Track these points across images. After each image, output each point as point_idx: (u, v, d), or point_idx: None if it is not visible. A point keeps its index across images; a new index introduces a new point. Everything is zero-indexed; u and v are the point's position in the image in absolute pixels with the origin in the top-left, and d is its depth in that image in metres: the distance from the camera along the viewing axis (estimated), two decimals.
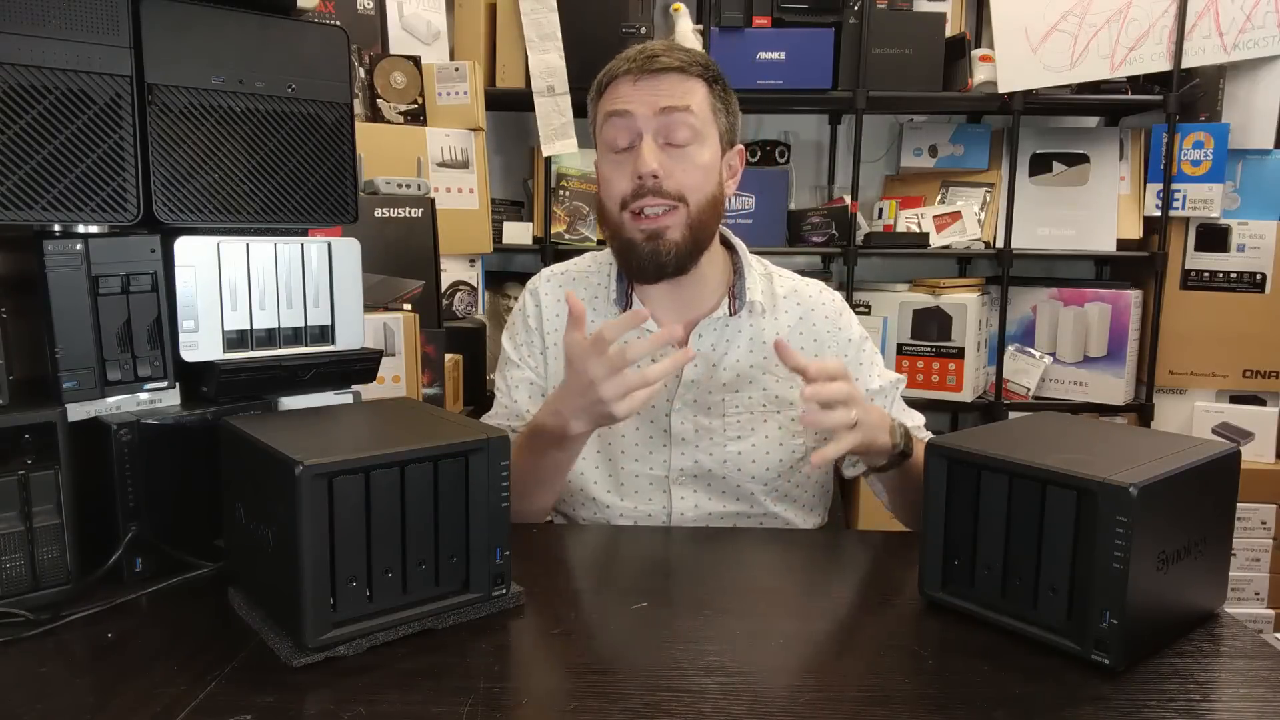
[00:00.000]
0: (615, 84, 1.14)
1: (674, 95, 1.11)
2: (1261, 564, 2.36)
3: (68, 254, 0.83)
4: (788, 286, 1.26)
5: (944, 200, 2.59)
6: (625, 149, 1.13)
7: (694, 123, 1.11)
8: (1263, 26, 2.26)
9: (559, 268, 1.29)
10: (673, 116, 1.10)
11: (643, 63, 1.11)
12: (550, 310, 1.24)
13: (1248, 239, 2.38)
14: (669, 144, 1.11)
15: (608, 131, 1.14)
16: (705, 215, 1.13)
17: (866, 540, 1.10)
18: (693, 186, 1.12)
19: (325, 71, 0.96)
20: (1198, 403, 2.45)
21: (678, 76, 1.11)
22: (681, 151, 1.11)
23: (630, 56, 1.13)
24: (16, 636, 0.75)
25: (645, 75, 1.11)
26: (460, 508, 0.78)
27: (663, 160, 1.10)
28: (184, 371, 0.90)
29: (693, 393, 1.17)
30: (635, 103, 1.11)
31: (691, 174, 1.11)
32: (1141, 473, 0.70)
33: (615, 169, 1.13)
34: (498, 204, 2.46)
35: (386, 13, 2.28)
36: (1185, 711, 0.66)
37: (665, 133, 1.11)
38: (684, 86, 1.11)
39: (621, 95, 1.12)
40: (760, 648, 0.76)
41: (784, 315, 1.22)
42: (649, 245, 1.12)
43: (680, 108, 1.10)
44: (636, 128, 1.11)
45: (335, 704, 0.65)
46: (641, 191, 1.10)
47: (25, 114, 0.79)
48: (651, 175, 1.09)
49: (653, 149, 1.10)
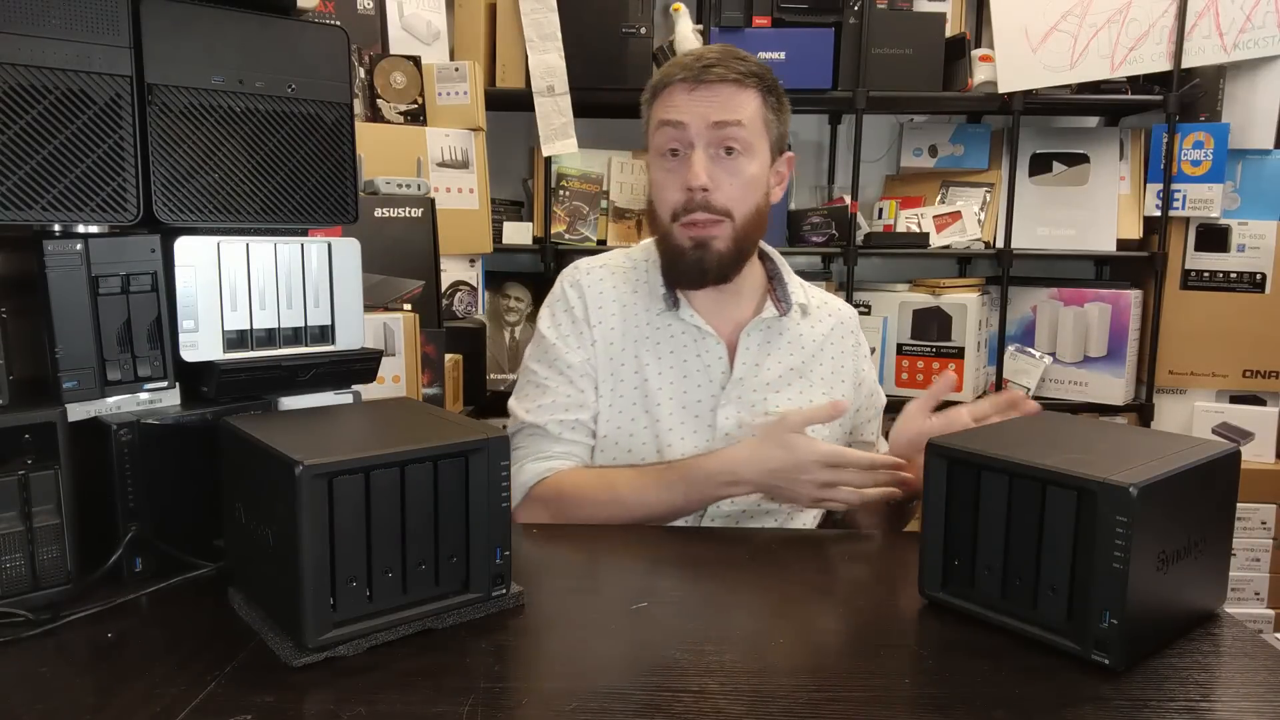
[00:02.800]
0: (670, 91, 1.15)
1: (727, 109, 1.12)
2: (1261, 564, 2.36)
3: (68, 254, 0.83)
4: (819, 298, 1.32)
5: (944, 200, 2.59)
6: (676, 157, 1.15)
7: (745, 136, 1.13)
8: (1263, 26, 2.26)
9: (595, 261, 1.28)
10: (725, 130, 1.13)
11: (698, 72, 1.13)
12: (594, 302, 1.23)
13: (1248, 239, 2.38)
14: (720, 155, 1.14)
15: (659, 139, 1.16)
16: (750, 226, 1.17)
17: (866, 540, 1.10)
18: (739, 199, 1.15)
19: (325, 71, 0.96)
20: (1198, 403, 2.45)
21: (733, 88, 1.13)
22: (732, 164, 1.14)
23: (686, 64, 1.14)
24: (16, 636, 0.75)
25: (700, 85, 1.13)
26: (460, 508, 0.78)
27: (713, 172, 1.13)
28: (184, 371, 0.90)
29: (738, 390, 1.20)
30: (688, 113, 1.13)
31: (739, 186, 1.14)
32: (1141, 473, 0.70)
33: (667, 176, 1.16)
34: (498, 204, 2.46)
35: (386, 13, 2.28)
36: (1185, 711, 0.66)
37: (717, 144, 1.13)
38: (738, 99, 1.13)
39: (675, 104, 1.14)
40: (760, 648, 0.76)
41: (819, 323, 1.28)
42: (695, 254, 1.15)
43: (733, 121, 1.12)
44: (689, 138, 1.13)
45: (335, 704, 0.65)
46: (691, 205, 1.14)
47: (25, 114, 0.79)
48: (701, 189, 1.12)
49: (703, 162, 1.13)
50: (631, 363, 1.20)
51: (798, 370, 1.23)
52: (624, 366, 1.20)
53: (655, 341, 1.21)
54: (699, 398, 1.19)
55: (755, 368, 1.21)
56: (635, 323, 1.22)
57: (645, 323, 1.22)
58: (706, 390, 1.20)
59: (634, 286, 1.24)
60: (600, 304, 1.23)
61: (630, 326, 1.21)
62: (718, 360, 1.21)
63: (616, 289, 1.24)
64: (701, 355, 1.21)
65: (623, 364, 1.20)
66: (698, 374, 1.20)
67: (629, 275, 1.26)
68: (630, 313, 1.22)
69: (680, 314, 1.21)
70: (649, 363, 1.20)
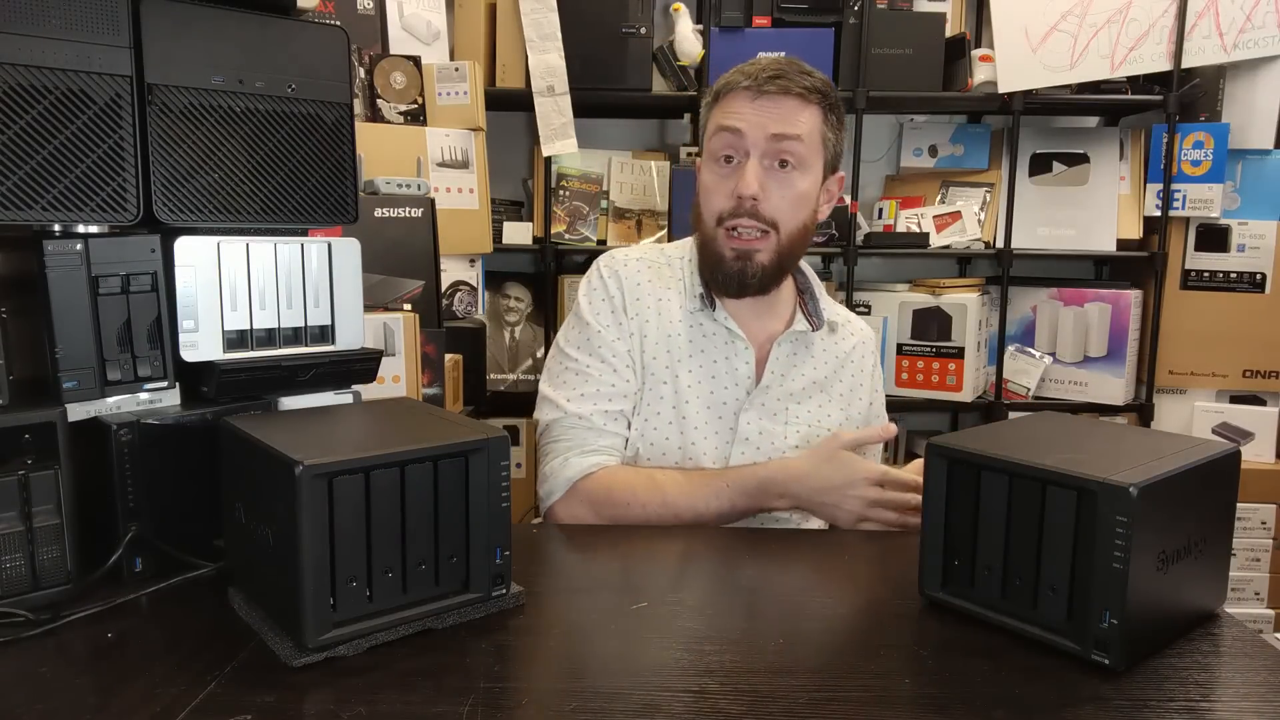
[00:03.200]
0: (731, 97, 1.15)
1: (787, 122, 1.12)
2: (1261, 564, 2.36)
3: (68, 254, 0.83)
4: (844, 315, 1.33)
5: (944, 200, 2.59)
6: (730, 164, 1.15)
7: (801, 151, 1.13)
8: (1263, 26, 2.26)
9: (632, 252, 1.27)
10: (783, 143, 1.12)
11: (763, 82, 1.12)
12: (632, 294, 1.22)
13: (1248, 239, 2.38)
14: (774, 167, 1.14)
15: (716, 143, 1.16)
16: (794, 242, 1.17)
17: (866, 540, 1.10)
18: (787, 214, 1.15)
19: (325, 71, 0.96)
20: (1198, 403, 2.45)
21: (795, 102, 1.13)
22: (784, 176, 1.14)
23: (751, 73, 1.14)
24: (16, 636, 0.75)
25: (763, 96, 1.12)
26: (460, 508, 0.78)
27: (764, 183, 1.13)
28: (184, 371, 0.90)
29: (763, 398, 1.21)
30: (748, 122, 1.12)
31: (789, 200, 1.14)
32: (1141, 473, 0.70)
33: (718, 181, 1.16)
34: (498, 204, 2.46)
35: (386, 13, 2.28)
36: (1185, 711, 0.66)
37: (772, 156, 1.13)
38: (799, 114, 1.13)
39: (736, 110, 1.14)
40: (760, 648, 0.76)
41: (843, 341, 1.29)
42: (737, 264, 1.16)
43: (791, 135, 1.12)
44: (745, 147, 1.13)
45: (335, 704, 0.65)
46: (739, 212, 1.13)
47: (25, 114, 0.79)
48: (751, 199, 1.12)
49: (756, 171, 1.13)
50: (664, 358, 1.20)
51: (820, 385, 1.24)
52: (656, 360, 1.20)
53: (688, 340, 1.21)
54: (724, 400, 1.20)
55: (781, 378, 1.22)
56: (670, 318, 1.22)
57: (679, 320, 1.22)
58: (732, 394, 1.20)
59: (668, 283, 1.24)
60: (638, 296, 1.23)
61: (665, 322, 1.21)
62: (745, 365, 1.21)
63: (653, 283, 1.24)
64: (730, 359, 1.21)
65: (655, 358, 1.20)
66: (725, 376, 1.21)
67: (664, 271, 1.25)
68: (665, 308, 1.22)
69: (715, 315, 1.21)
70: (681, 360, 1.20)
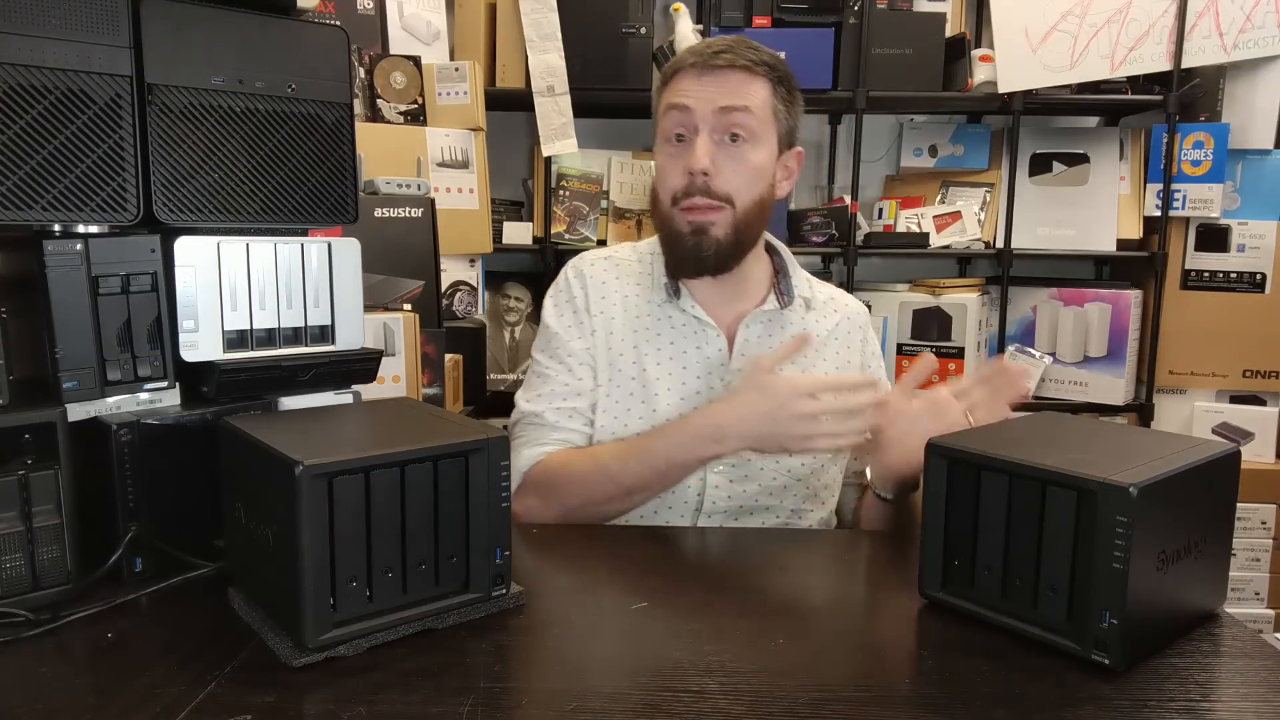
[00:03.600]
0: (679, 76, 1.15)
1: (735, 94, 1.11)
2: (1261, 564, 2.36)
3: (68, 254, 0.83)
4: (826, 293, 1.31)
5: (944, 200, 2.59)
6: (681, 142, 1.14)
7: (751, 123, 1.12)
8: (1263, 26, 2.26)
9: (601, 253, 1.29)
10: (731, 116, 1.11)
11: (708, 58, 1.12)
12: (596, 292, 1.23)
13: (1248, 239, 2.38)
14: (725, 141, 1.12)
15: (666, 122, 1.16)
16: (751, 216, 1.15)
17: (866, 540, 1.10)
18: (741, 187, 1.13)
19: (325, 71, 0.96)
20: (1198, 403, 2.45)
21: (742, 75, 1.12)
22: (736, 150, 1.13)
23: (698, 50, 1.14)
24: (16, 636, 0.75)
25: (709, 71, 1.12)
26: (460, 508, 0.78)
27: (715, 157, 1.12)
28: (184, 371, 0.90)
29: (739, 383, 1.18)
30: (695, 98, 1.12)
31: (742, 174, 1.13)
32: (1141, 473, 0.70)
33: (670, 161, 1.15)
34: (498, 204, 2.46)
35: (386, 13, 2.28)
36: (1185, 711, 0.66)
37: (722, 130, 1.12)
38: (747, 86, 1.12)
39: (683, 89, 1.13)
40: (760, 648, 0.76)
41: (824, 318, 1.27)
42: (693, 239, 1.14)
43: (739, 107, 1.11)
44: (694, 123, 1.12)
45: (335, 704, 0.65)
46: (692, 189, 1.13)
47: (25, 114, 0.79)
48: (702, 173, 1.11)
49: (706, 146, 1.12)
50: (630, 353, 1.20)
51: (800, 364, 1.22)
52: (622, 357, 1.20)
53: (655, 332, 1.21)
54: (697, 389, 1.19)
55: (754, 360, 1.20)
56: (636, 313, 1.22)
57: (646, 314, 1.22)
58: (705, 381, 1.20)
59: (637, 279, 1.25)
60: (602, 294, 1.23)
61: (631, 317, 1.22)
62: (717, 352, 1.20)
63: (619, 280, 1.25)
64: (701, 347, 1.21)
65: (621, 354, 1.20)
66: (697, 365, 1.20)
67: (633, 268, 1.26)
68: (631, 303, 1.23)
69: (680, 304, 1.21)
70: (648, 353, 1.20)
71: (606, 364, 1.20)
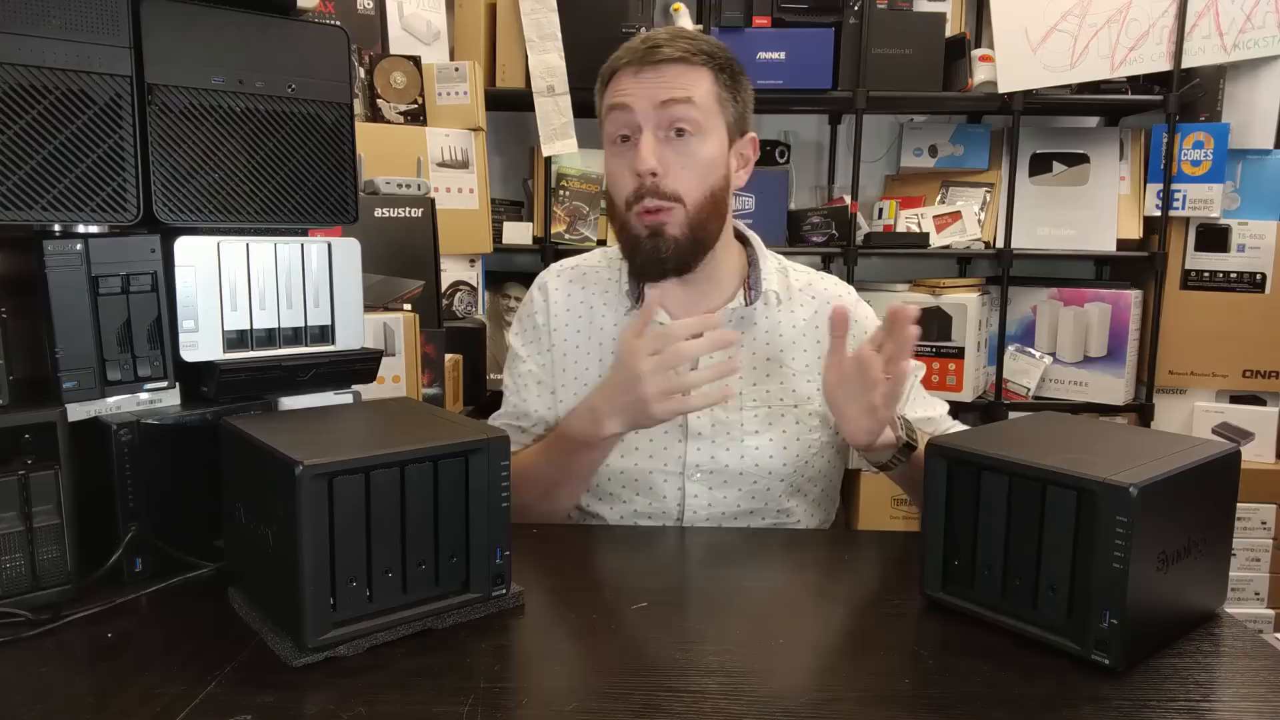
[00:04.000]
0: (617, 76, 1.12)
1: (675, 87, 1.08)
2: (1261, 564, 2.36)
3: (68, 254, 0.83)
4: (802, 280, 1.25)
5: (944, 200, 2.59)
6: (627, 143, 1.11)
7: (696, 115, 1.08)
8: (1263, 26, 2.26)
9: (569, 262, 1.28)
10: (673, 109, 1.08)
11: (644, 54, 1.09)
12: (559, 307, 1.23)
13: (1248, 239, 2.38)
14: (671, 137, 1.09)
15: (610, 125, 1.13)
16: (706, 212, 1.11)
17: (866, 540, 1.10)
18: (693, 183, 1.10)
19: (325, 71, 0.96)
20: (1198, 403, 2.45)
21: (680, 67, 1.09)
22: (683, 145, 1.09)
23: (633, 47, 1.11)
24: (16, 636, 0.75)
25: (646, 67, 1.09)
26: (460, 508, 0.78)
27: (663, 155, 1.08)
28: (184, 371, 0.90)
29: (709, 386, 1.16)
30: (635, 96, 1.09)
31: (692, 169, 1.09)
32: (1141, 473, 0.70)
33: (618, 164, 1.13)
34: (498, 204, 2.46)
35: (386, 13, 2.28)
36: (1185, 711, 0.66)
37: (666, 126, 1.09)
38: (687, 77, 1.09)
39: (623, 88, 1.10)
40: (760, 648, 0.76)
41: (800, 309, 1.21)
42: (650, 242, 1.11)
43: (681, 100, 1.08)
44: (636, 121, 1.09)
45: (335, 704, 0.65)
46: (642, 191, 1.09)
47: (25, 114, 0.79)
48: (650, 173, 1.08)
49: (651, 145, 1.08)
50: (596, 367, 1.19)
51: (775, 360, 1.18)
52: (588, 371, 1.19)
53: None
54: None
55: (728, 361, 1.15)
56: (601, 324, 1.20)
57: (612, 324, 1.20)
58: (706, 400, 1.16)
59: (605, 286, 1.23)
60: (566, 308, 1.22)
61: (595, 329, 1.20)
62: None
63: (585, 290, 1.23)
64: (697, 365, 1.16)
65: (587, 368, 1.19)
66: None
67: (600, 275, 1.24)
68: (596, 314, 1.21)
69: None
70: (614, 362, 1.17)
71: (571, 378, 1.19)
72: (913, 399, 1.21)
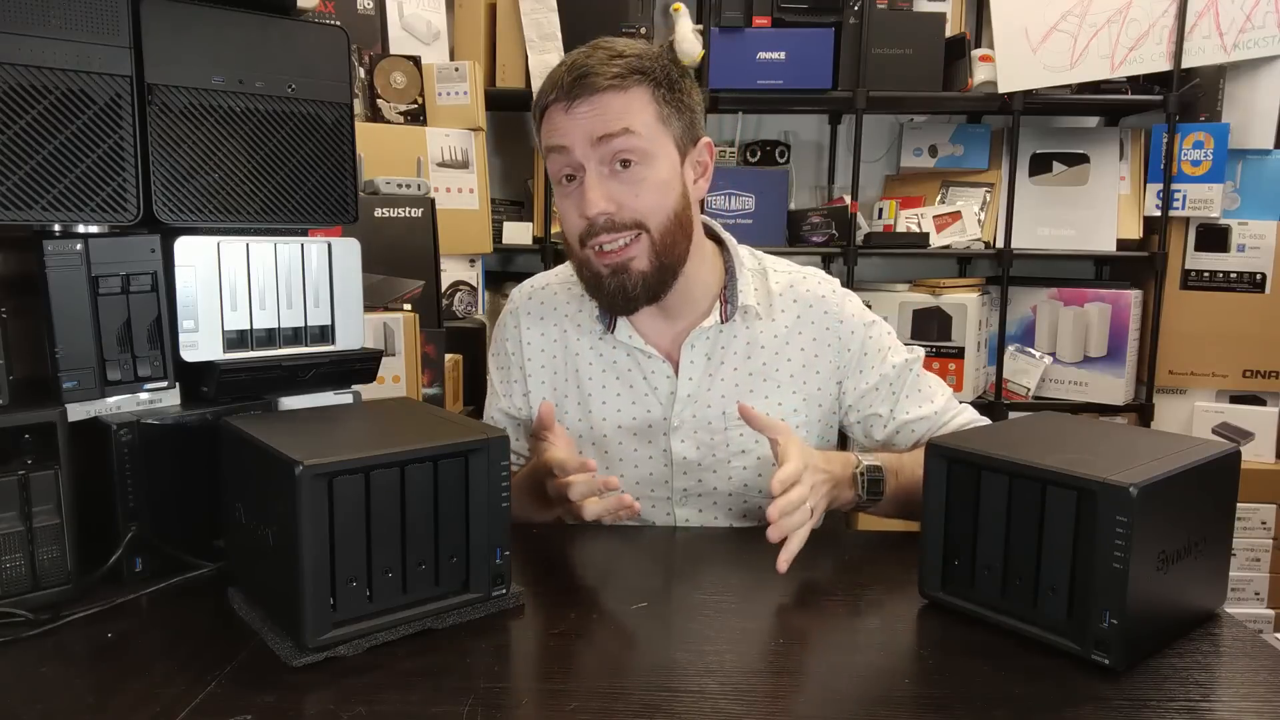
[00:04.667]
0: (548, 114, 1.04)
1: (609, 119, 1.00)
2: (1261, 564, 2.36)
3: (68, 254, 0.83)
4: (783, 282, 1.17)
5: (944, 200, 2.59)
6: (574, 182, 1.04)
7: (638, 144, 1.01)
8: (1263, 26, 2.26)
9: (540, 281, 1.23)
10: (613, 144, 1.00)
11: (570, 86, 1.00)
12: (529, 339, 1.19)
13: (1248, 239, 2.38)
14: (617, 170, 1.02)
15: (552, 166, 1.06)
16: (671, 236, 1.05)
17: (866, 540, 1.10)
18: (651, 209, 1.03)
19: (325, 71, 0.96)
20: (1198, 403, 2.45)
21: (612, 94, 1.00)
22: (630, 175, 1.02)
23: (556, 79, 1.02)
24: (16, 636, 0.75)
25: (577, 101, 1.00)
26: (460, 508, 0.78)
27: (612, 190, 1.02)
28: (184, 371, 0.90)
29: (690, 409, 1.12)
30: (570, 135, 1.01)
31: (646, 197, 1.03)
32: (1141, 473, 0.70)
33: (566, 204, 1.06)
34: (498, 204, 2.46)
35: (386, 13, 2.28)
36: (1185, 711, 0.66)
37: (609, 160, 1.01)
38: (620, 103, 1.00)
39: (557, 127, 1.02)
40: (760, 648, 0.76)
41: (780, 316, 1.15)
42: (615, 280, 1.05)
43: (618, 132, 1.00)
44: (577, 161, 1.02)
45: (335, 704, 0.65)
46: (595, 229, 1.03)
47: (25, 114, 0.79)
48: (600, 214, 1.02)
49: (597, 185, 1.01)
50: (574, 394, 1.16)
51: (760, 374, 1.13)
52: (567, 399, 1.16)
53: (600, 369, 1.15)
54: (649, 422, 1.13)
55: (707, 379, 1.12)
56: (576, 349, 1.16)
57: (588, 347, 1.16)
58: (659, 413, 1.13)
59: (579, 305, 1.17)
60: (535, 338, 1.19)
61: (570, 355, 1.16)
62: (665, 380, 1.13)
63: (556, 312, 1.18)
64: (648, 377, 1.13)
65: (566, 395, 1.16)
66: (646, 398, 1.13)
67: (572, 293, 1.18)
68: (570, 339, 1.17)
69: (618, 335, 1.13)
70: (592, 392, 1.15)
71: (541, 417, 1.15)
72: (907, 395, 1.15)
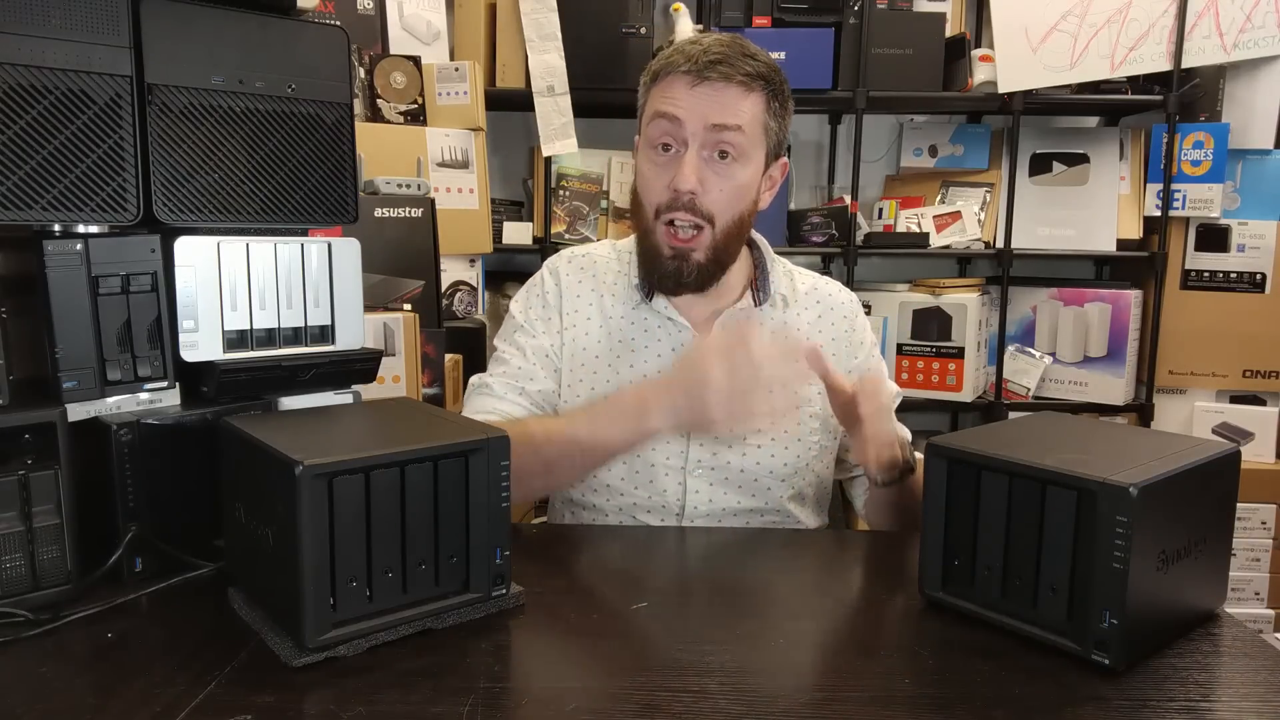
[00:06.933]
0: (670, 81, 1.09)
1: (728, 112, 1.07)
2: (1261, 564, 2.36)
3: (68, 254, 0.83)
4: (808, 284, 1.26)
5: (944, 200, 2.59)
6: (668, 152, 1.10)
7: (742, 142, 1.08)
8: (1263, 26, 2.26)
9: (579, 250, 1.27)
10: (722, 134, 1.07)
11: (704, 67, 1.06)
12: (571, 292, 1.22)
13: (1248, 239, 2.38)
14: (713, 158, 1.09)
15: (653, 130, 1.11)
16: (731, 235, 1.12)
17: (866, 540, 1.10)
18: (725, 206, 1.10)
19: (325, 71, 0.96)
20: (1198, 403, 2.45)
21: (738, 91, 1.07)
22: (724, 168, 1.09)
23: (692, 55, 1.07)
24: (16, 636, 0.75)
25: (703, 82, 1.07)
26: (460, 508, 0.78)
27: (704, 175, 1.08)
28: (184, 371, 0.90)
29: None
30: (686, 110, 1.07)
31: (728, 193, 1.10)
32: (1141, 473, 0.70)
33: (656, 171, 1.11)
34: (498, 204, 2.46)
35: (386, 13, 2.28)
36: (1185, 711, 0.66)
37: (711, 147, 1.08)
38: (741, 102, 1.07)
39: (674, 97, 1.08)
40: (760, 648, 0.76)
41: (804, 311, 1.23)
42: (673, 263, 1.11)
43: (731, 126, 1.07)
44: (683, 136, 1.08)
45: (335, 704, 0.65)
46: (676, 204, 1.09)
47: (25, 114, 0.79)
48: (689, 193, 1.08)
49: (695, 164, 1.08)
50: (606, 355, 1.19)
51: None
52: (598, 359, 1.19)
53: (631, 336, 1.19)
54: None
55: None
56: (612, 315, 1.20)
57: (621, 316, 1.20)
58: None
59: (614, 280, 1.22)
60: (577, 295, 1.21)
61: (606, 320, 1.20)
62: None
63: (596, 280, 1.22)
64: (677, 350, 1.17)
65: (597, 355, 1.19)
66: None
67: (610, 268, 1.23)
68: (607, 306, 1.21)
69: (654, 305, 1.19)
70: (621, 355, 1.18)
71: (579, 364, 1.18)
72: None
